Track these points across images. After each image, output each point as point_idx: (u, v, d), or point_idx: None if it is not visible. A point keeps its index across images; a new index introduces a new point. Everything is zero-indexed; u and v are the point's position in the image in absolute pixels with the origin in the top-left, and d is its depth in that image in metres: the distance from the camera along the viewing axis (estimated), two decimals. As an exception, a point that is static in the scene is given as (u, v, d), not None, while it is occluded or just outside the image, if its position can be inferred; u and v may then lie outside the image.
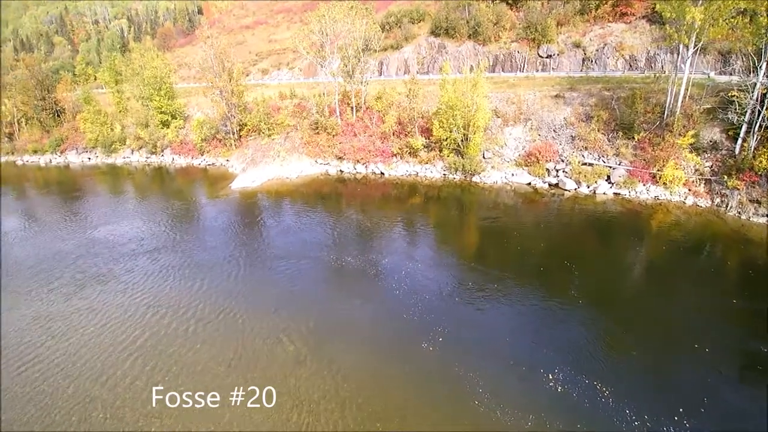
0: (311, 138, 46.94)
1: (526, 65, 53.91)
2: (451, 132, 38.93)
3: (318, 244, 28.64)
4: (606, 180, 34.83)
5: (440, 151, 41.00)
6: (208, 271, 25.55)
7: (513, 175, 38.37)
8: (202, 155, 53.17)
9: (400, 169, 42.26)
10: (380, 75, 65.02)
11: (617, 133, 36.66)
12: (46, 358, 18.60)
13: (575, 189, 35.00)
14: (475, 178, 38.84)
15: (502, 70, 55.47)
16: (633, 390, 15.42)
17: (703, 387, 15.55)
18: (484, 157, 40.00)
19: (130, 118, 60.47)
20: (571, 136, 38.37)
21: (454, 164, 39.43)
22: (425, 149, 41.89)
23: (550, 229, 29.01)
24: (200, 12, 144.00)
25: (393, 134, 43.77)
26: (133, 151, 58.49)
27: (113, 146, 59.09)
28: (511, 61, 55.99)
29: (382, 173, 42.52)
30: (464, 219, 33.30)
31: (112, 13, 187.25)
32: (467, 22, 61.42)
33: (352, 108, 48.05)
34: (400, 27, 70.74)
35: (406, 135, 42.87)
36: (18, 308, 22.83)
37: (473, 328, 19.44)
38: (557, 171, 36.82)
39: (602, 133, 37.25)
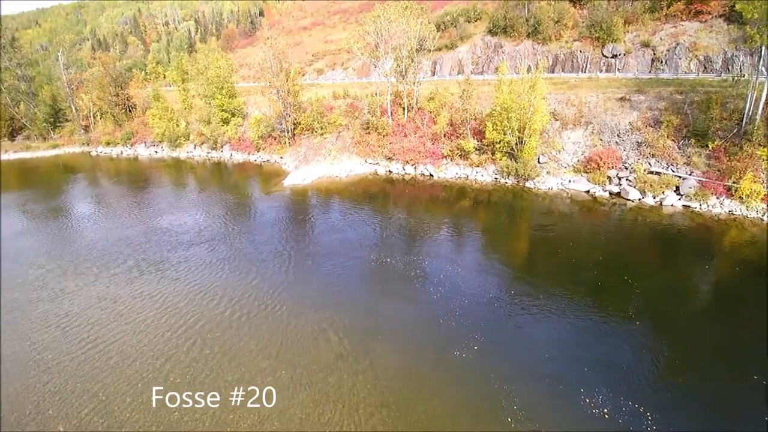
0: (362, 138, 47.34)
1: (588, 65, 51.29)
2: (504, 134, 37.76)
3: (362, 243, 28.85)
4: (674, 191, 32.33)
5: (492, 154, 39.92)
6: (257, 264, 26.50)
7: (570, 181, 36.59)
8: (258, 152, 55.20)
9: (450, 172, 41.59)
10: (433, 75, 64.44)
11: (689, 140, 33.93)
12: (108, 338, 19.96)
13: (639, 199, 32.76)
14: (529, 184, 37.44)
15: (563, 71, 53.17)
16: (682, 420, 14.18)
17: (762, 426, 13.98)
18: (539, 162, 38.46)
19: (194, 115, 63.91)
20: (637, 142, 35.97)
21: (507, 168, 38.22)
22: (477, 152, 40.96)
23: (610, 242, 27.30)
24: (261, 14, 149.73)
25: (444, 136, 43.18)
26: (195, 146, 61.78)
27: (178, 141, 62.72)
28: (572, 61, 53.51)
29: (431, 175, 42.07)
30: (514, 226, 32.19)
31: (181, 15, 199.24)
32: (526, 20, 59.39)
33: (403, 108, 47.91)
34: (455, 26, 69.70)
35: (457, 137, 42.13)
36: (85, 289, 24.75)
37: (512, 339, 18.84)
38: (620, 179, 34.66)
39: (672, 140, 34.63)
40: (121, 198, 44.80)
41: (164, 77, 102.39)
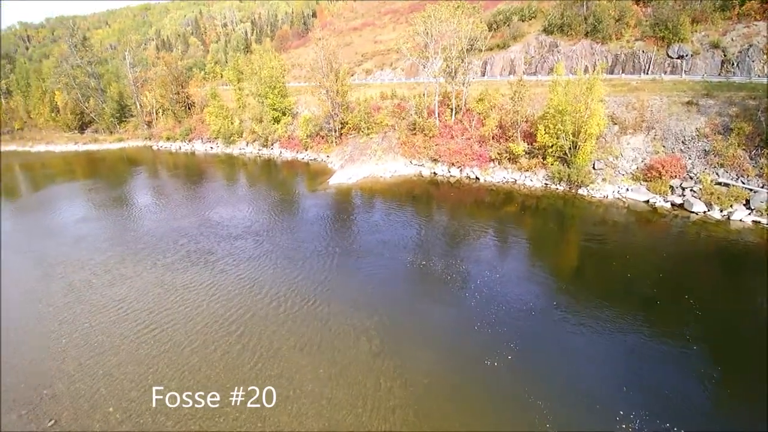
0: (408, 138, 47.11)
1: (651, 67, 48.28)
2: (558, 138, 36.23)
3: (404, 245, 28.74)
4: (744, 205, 29.66)
5: (543, 158, 38.41)
6: (301, 260, 27.09)
7: (628, 190, 34.53)
8: (305, 150, 56.38)
9: (497, 176, 40.48)
10: (483, 76, 63.06)
11: (762, 150, 31.04)
12: (161, 325, 21.02)
13: (704, 212, 30.34)
14: (582, 191, 35.70)
15: (623, 72, 50.38)
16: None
17: None
18: (594, 168, 36.60)
19: (248, 113, 66.25)
20: (704, 150, 33.37)
21: (559, 174, 36.64)
22: (527, 156, 39.57)
23: (670, 257, 25.37)
24: (314, 15, 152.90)
25: (492, 138, 42.09)
26: (247, 143, 64.05)
27: (232, 138, 65.29)
28: (633, 62, 50.59)
29: (477, 178, 41.16)
30: (563, 234, 30.78)
31: (238, 16, 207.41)
32: (585, 18, 56.79)
33: (451, 109, 47.20)
34: (508, 25, 67.85)
35: (506, 139, 40.90)
36: (142, 276, 26.25)
37: (549, 352, 18.07)
38: (683, 189, 32.27)
39: (743, 149, 31.82)
40: (177, 190, 47.38)
41: (221, 77, 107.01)
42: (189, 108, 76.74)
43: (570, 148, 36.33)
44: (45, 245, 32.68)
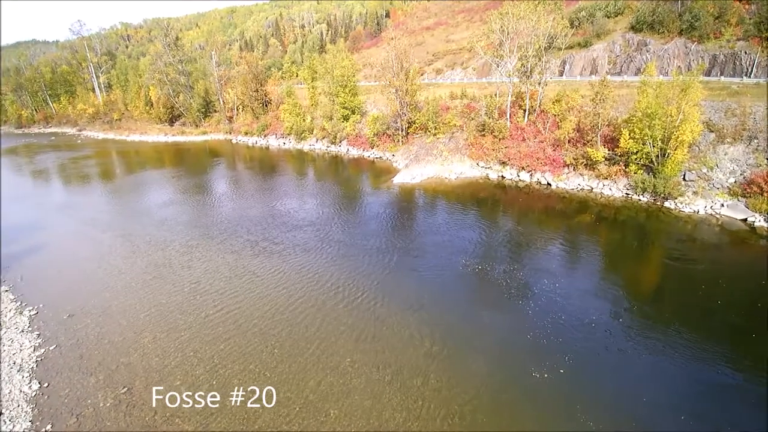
0: (476, 140, 45.78)
1: (755, 69, 42.90)
2: (644, 144, 33.23)
3: (464, 248, 27.95)
4: None
5: (626, 166, 35.40)
6: (361, 255, 27.37)
7: (722, 206, 30.82)
8: (372, 148, 56.93)
9: (572, 182, 37.97)
10: (561, 75, 59.85)
11: None
12: (230, 308, 22.00)
13: (821, 234, 26.28)
14: (668, 204, 32.44)
15: (721, 74, 45.34)
16: None
17: None
18: (684, 179, 33.11)
19: (319, 111, 68.32)
20: (825, 162, 28.91)
21: (643, 183, 33.55)
22: (606, 162, 36.68)
23: (773, 283, 22.25)
24: (388, 15, 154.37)
25: (568, 142, 39.58)
26: (317, 140, 66.06)
27: (303, 134, 67.72)
28: (734, 64, 45.42)
29: (548, 184, 38.93)
30: (643, 250, 27.99)
31: (315, 18, 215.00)
32: (679, 15, 51.96)
33: (524, 110, 45.15)
34: (591, 22, 63.82)
35: (584, 144, 38.24)
36: (215, 259, 27.80)
37: (606, 371, 16.86)
38: (794, 207, 28.19)
39: None
40: (250, 181, 50.17)
41: (297, 76, 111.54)
42: (266, 105, 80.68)
43: (657, 156, 33.19)
44: (133, 225, 35.90)
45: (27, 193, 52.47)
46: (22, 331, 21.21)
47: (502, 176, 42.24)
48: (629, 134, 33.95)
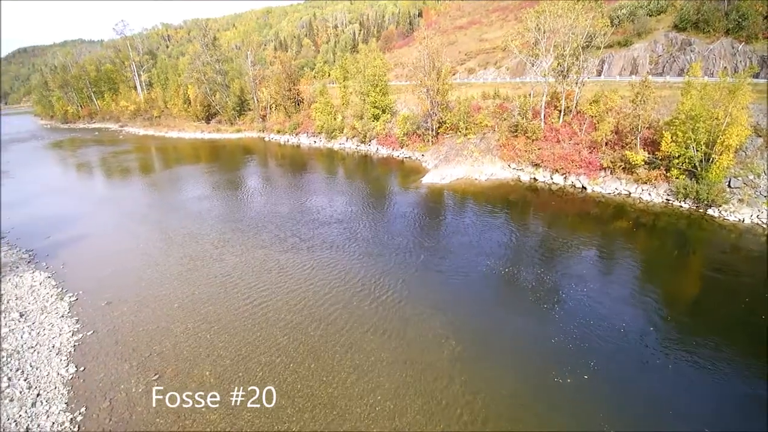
0: (508, 141, 44.85)
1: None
2: (687, 148, 31.66)
3: (492, 250, 27.46)
4: None
5: (667, 170, 33.81)
6: (389, 254, 27.33)
7: (773, 213, 29.01)
8: (401, 148, 56.75)
9: (608, 186, 36.60)
10: (599, 75, 57.96)
11: None
12: (260, 302, 22.44)
13: None
14: (712, 211, 30.77)
15: (775, 75, 42.62)
16: None
17: None
18: (729, 186, 31.32)
19: (350, 110, 68.68)
20: None
21: (685, 189, 31.95)
22: (646, 166, 35.13)
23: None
24: (420, 15, 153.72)
25: (605, 144, 38.17)
26: (347, 138, 66.44)
27: (334, 133, 68.25)
28: (790, 64, 42.55)
29: (583, 187, 37.68)
30: (683, 259, 26.62)
31: (348, 18, 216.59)
32: (726, 14, 49.30)
33: (559, 111, 43.90)
34: (632, 21, 61.48)
35: (622, 146, 36.76)
36: (246, 253, 28.37)
37: (634, 379, 16.23)
38: None
39: None
40: (281, 178, 51.17)
41: (328, 75, 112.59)
42: (298, 104, 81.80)
43: (701, 161, 31.56)
44: (169, 218, 37.16)
45: (70, 185, 55.18)
46: (62, 316, 22.25)
47: (535, 178, 41.21)
48: (671, 137, 32.41)
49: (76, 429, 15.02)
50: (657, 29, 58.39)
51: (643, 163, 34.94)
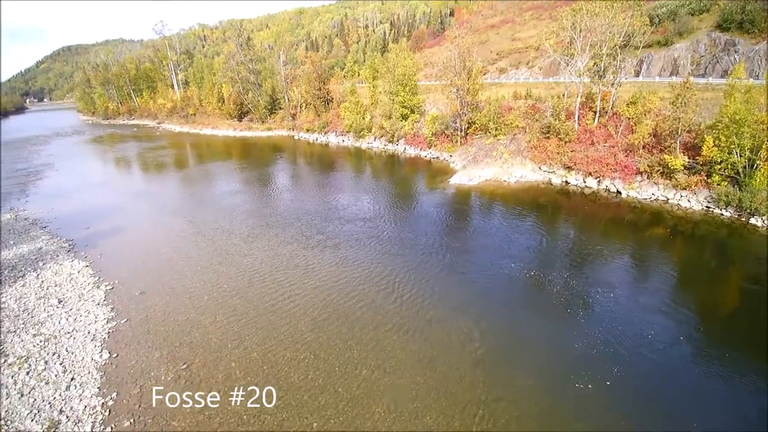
0: (539, 142, 43.87)
1: None
2: (730, 154, 30.16)
3: (519, 253, 26.94)
4: None
5: (708, 176, 32.28)
6: (414, 254, 27.24)
7: (826, 223, 27.25)
8: (429, 148, 56.44)
9: (644, 191, 35.22)
10: (637, 76, 56.00)
11: None
12: (288, 297, 22.76)
13: None
14: (755, 220, 29.09)
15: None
16: None
17: None
18: (777, 193, 29.64)
19: (379, 109, 68.85)
20: None
21: (726, 196, 30.40)
22: (686, 171, 33.64)
23: None
24: (452, 14, 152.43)
25: (643, 147, 36.78)
26: (375, 138, 66.63)
27: (362, 132, 68.59)
28: None
29: (618, 192, 36.43)
30: (722, 271, 25.20)
31: (378, 18, 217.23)
32: (773, 13, 46.61)
33: (594, 112, 42.63)
34: (673, 20, 59.10)
35: (661, 150, 35.35)
36: (275, 249, 28.85)
37: (658, 389, 15.70)
38: None
39: None
40: (308, 175, 52.06)
41: (358, 75, 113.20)
42: (327, 103, 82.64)
43: (745, 167, 30.02)
44: (201, 212, 38.27)
45: (109, 178, 57.63)
46: (98, 303, 23.18)
47: (566, 182, 40.16)
48: (713, 142, 30.95)
49: (107, 413, 15.57)
50: (699, 29, 55.97)
51: (682, 168, 33.46)
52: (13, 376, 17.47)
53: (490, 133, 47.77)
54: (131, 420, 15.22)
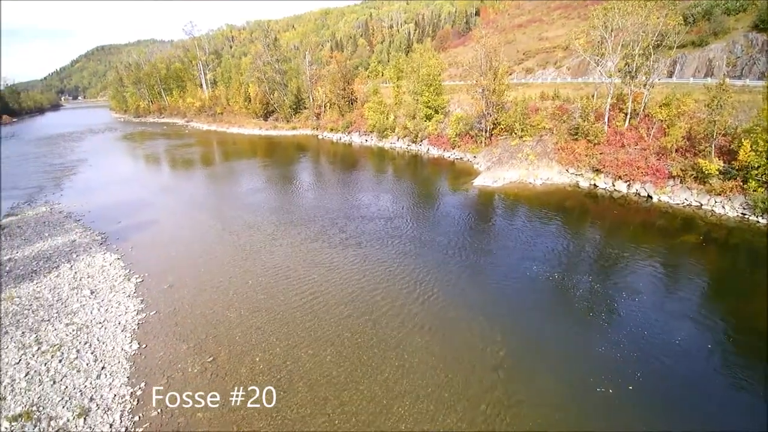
0: (567, 144, 43.01)
1: None
2: (769, 158, 28.94)
3: (543, 257, 26.50)
4: None
5: (744, 181, 31.01)
6: (435, 256, 27.14)
7: None
8: (452, 149, 56.08)
9: (677, 196, 34.09)
10: (670, 77, 54.21)
11: None
12: (311, 294, 23.01)
13: None
14: (797, 227, 27.87)
15: None
16: None
17: None
18: (820, 200, 28.26)
19: (402, 110, 68.81)
20: None
21: (763, 203, 29.13)
22: (721, 176, 32.37)
23: None
24: (477, 14, 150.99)
25: (676, 151, 35.60)
26: (398, 138, 66.64)
27: (385, 132, 68.70)
28: None
29: (648, 196, 35.37)
30: (755, 279, 23.89)
31: (403, 18, 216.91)
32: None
33: (625, 114, 41.52)
34: (708, 20, 56.94)
35: (695, 154, 34.16)
36: (298, 246, 29.24)
37: (680, 395, 15.50)
38: None
39: None
40: (331, 174, 52.68)
41: (382, 75, 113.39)
42: (351, 103, 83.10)
43: (786, 172, 28.71)
44: (227, 208, 39.14)
45: (140, 174, 59.45)
46: (129, 296, 23.92)
47: (595, 185, 39.24)
48: (751, 146, 29.72)
49: (135, 402, 16.05)
50: (735, 29, 53.74)
51: (717, 172, 32.23)
52: (46, 364, 18.16)
53: (515, 134, 47.10)
54: (158, 411, 15.65)
